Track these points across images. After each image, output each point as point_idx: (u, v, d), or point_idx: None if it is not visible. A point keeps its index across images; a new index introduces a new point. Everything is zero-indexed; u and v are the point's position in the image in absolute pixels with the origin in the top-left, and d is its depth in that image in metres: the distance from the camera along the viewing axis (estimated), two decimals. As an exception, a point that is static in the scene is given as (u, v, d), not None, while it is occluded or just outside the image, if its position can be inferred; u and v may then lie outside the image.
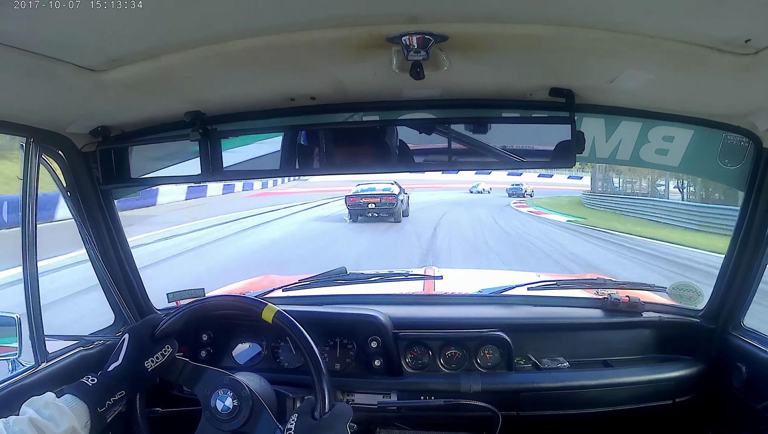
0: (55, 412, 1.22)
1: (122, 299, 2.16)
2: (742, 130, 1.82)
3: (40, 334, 1.76)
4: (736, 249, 1.95)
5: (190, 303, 1.47)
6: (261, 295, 2.29)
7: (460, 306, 2.45)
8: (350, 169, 1.93)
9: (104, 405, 1.31)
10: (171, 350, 1.42)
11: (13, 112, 1.58)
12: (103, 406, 1.30)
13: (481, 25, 1.21)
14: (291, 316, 1.41)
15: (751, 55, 1.20)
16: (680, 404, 2.07)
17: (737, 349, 1.95)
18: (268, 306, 1.41)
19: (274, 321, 1.38)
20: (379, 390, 2.01)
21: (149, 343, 1.40)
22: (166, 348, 1.41)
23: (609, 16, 1.14)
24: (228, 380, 1.40)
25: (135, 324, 1.45)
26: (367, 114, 1.95)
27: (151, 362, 1.38)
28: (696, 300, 2.14)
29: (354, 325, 2.10)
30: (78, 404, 1.28)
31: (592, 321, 2.21)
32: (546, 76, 1.63)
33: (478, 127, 1.81)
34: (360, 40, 1.26)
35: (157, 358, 1.39)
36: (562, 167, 1.83)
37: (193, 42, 1.24)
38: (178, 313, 1.44)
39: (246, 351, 2.17)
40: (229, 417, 1.36)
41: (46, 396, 1.26)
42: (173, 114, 1.82)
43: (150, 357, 1.38)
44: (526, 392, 2.02)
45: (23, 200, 1.72)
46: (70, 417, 1.23)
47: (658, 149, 1.93)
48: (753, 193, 1.85)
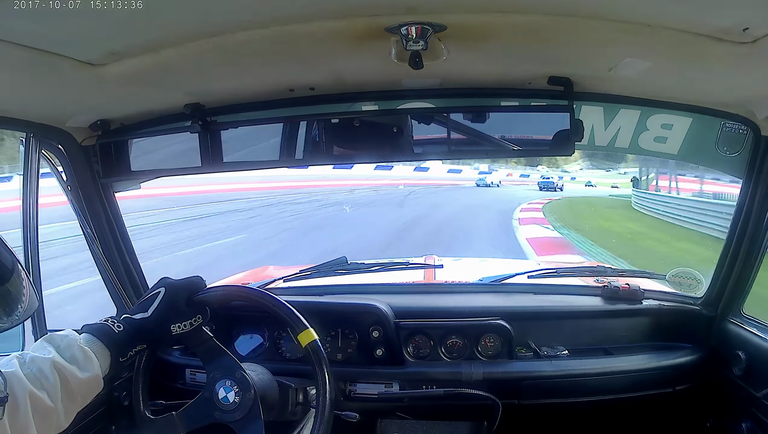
0: (79, 355, 1.17)
1: (124, 292, 2.16)
2: (741, 118, 1.81)
3: (43, 328, 1.77)
4: (735, 237, 1.95)
5: (235, 284, 1.47)
6: (263, 286, 2.29)
7: (460, 294, 2.46)
8: (349, 159, 1.94)
9: (126, 355, 1.28)
10: (200, 321, 1.40)
11: (13, 107, 1.58)
12: (125, 356, 1.28)
13: (480, 15, 1.21)
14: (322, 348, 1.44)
15: (750, 43, 1.20)
16: (680, 391, 2.08)
17: (737, 337, 1.96)
18: (308, 330, 1.43)
19: (307, 347, 1.41)
20: (380, 379, 2.02)
21: (182, 307, 1.37)
22: (196, 318, 1.38)
23: (607, 4, 1.14)
24: (240, 375, 1.40)
25: (174, 281, 1.41)
26: (366, 104, 1.95)
27: (178, 328, 1.35)
28: (695, 287, 2.14)
29: (355, 315, 2.11)
30: (103, 350, 1.24)
31: (592, 309, 2.22)
32: (544, 64, 1.63)
33: (477, 116, 1.82)
34: (358, 31, 1.26)
35: (185, 326, 1.36)
36: (561, 155, 1.83)
37: (191, 35, 1.24)
38: (222, 289, 1.45)
39: (248, 342, 2.18)
40: (225, 408, 1.38)
41: (69, 336, 1.20)
42: (173, 106, 1.82)
43: (179, 322, 1.35)
44: (526, 380, 2.03)
45: (23, 195, 1.73)
46: (95, 364, 1.19)
47: (656, 137, 1.93)
48: (752, 181, 1.85)
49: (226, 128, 1.84)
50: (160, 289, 1.38)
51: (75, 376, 1.14)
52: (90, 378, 1.17)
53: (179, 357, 2.13)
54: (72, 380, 1.14)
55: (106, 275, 2.12)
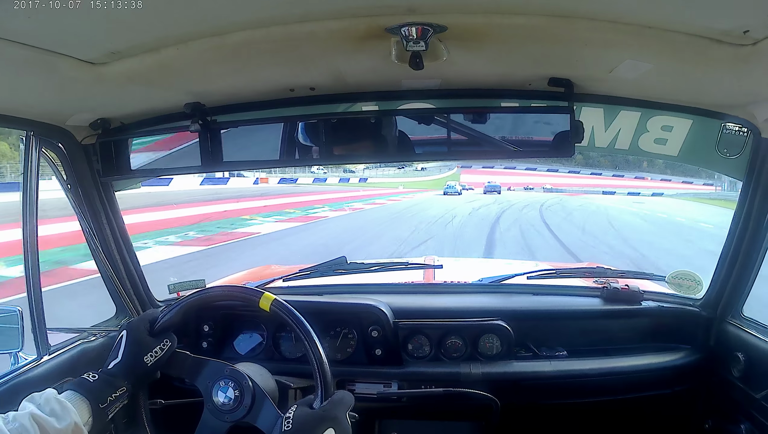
0: (56, 407, 1.21)
1: (123, 291, 2.16)
2: (741, 120, 1.81)
3: (42, 327, 1.77)
4: (735, 239, 1.95)
5: (187, 296, 1.47)
6: (262, 285, 2.29)
7: (460, 295, 2.46)
8: (349, 159, 1.95)
9: (105, 401, 1.30)
10: (170, 344, 1.41)
11: (14, 105, 1.58)
12: (105, 402, 1.30)
13: (481, 16, 1.21)
14: (289, 304, 1.41)
15: (750, 45, 1.20)
16: (679, 392, 2.08)
17: (736, 338, 1.96)
18: (265, 294, 1.40)
19: (272, 309, 1.38)
20: (379, 379, 2.02)
21: (147, 338, 1.39)
22: (164, 343, 1.40)
23: (608, 6, 1.14)
24: (229, 371, 1.39)
25: (133, 320, 1.44)
26: (366, 104, 1.95)
27: (151, 357, 1.37)
28: (695, 289, 2.15)
29: (354, 315, 2.11)
30: (79, 400, 1.27)
31: (591, 310, 2.22)
32: (545, 66, 1.63)
33: (478, 116, 1.82)
34: (359, 31, 1.26)
35: (156, 352, 1.38)
36: (561, 156, 1.83)
37: (192, 34, 1.24)
38: (176, 307, 1.43)
39: (247, 341, 2.18)
40: (231, 407, 1.36)
41: (47, 392, 1.25)
42: (173, 106, 1.82)
43: (149, 352, 1.37)
44: (525, 380, 2.03)
45: (23, 193, 1.72)
46: (72, 413, 1.22)
47: (657, 138, 1.94)
48: (752, 183, 1.86)
49: (226, 127, 1.84)
50: (122, 333, 1.40)
51: (53, 426, 1.18)
52: (68, 426, 1.20)
53: None
54: (51, 430, 1.18)
55: (105, 274, 2.12)
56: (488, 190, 49.58)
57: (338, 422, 1.23)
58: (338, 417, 1.24)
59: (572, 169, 76.99)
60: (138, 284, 2.25)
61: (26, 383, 1.67)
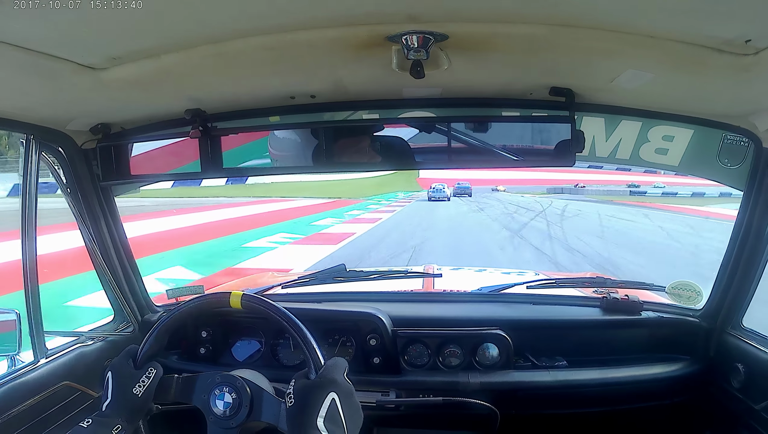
0: None
1: (122, 296, 2.16)
2: (742, 130, 1.81)
3: (39, 331, 1.77)
4: (735, 249, 1.95)
5: (158, 322, 1.45)
6: (260, 292, 2.29)
7: (459, 303, 2.46)
8: (350, 167, 1.94)
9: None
10: (155, 371, 1.39)
11: (14, 109, 1.58)
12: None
13: (482, 25, 1.21)
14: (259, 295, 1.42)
15: (752, 55, 1.20)
16: (678, 403, 2.07)
17: (736, 349, 1.95)
18: (233, 293, 1.40)
19: (244, 304, 1.38)
20: (377, 387, 2.00)
21: (132, 372, 1.37)
22: (150, 371, 1.37)
23: (609, 16, 1.14)
24: (220, 377, 1.38)
25: (114, 359, 1.42)
26: (367, 112, 1.96)
27: (139, 387, 1.35)
28: (695, 299, 2.14)
29: (353, 323, 2.10)
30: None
31: (590, 320, 2.21)
32: (546, 75, 1.63)
33: (479, 125, 1.82)
34: (360, 39, 1.26)
35: (144, 382, 1.35)
36: (562, 166, 1.83)
37: (193, 41, 1.24)
38: (151, 335, 1.42)
39: (245, 348, 2.18)
40: (232, 412, 1.35)
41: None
42: (173, 111, 1.82)
43: (136, 383, 1.35)
44: (524, 390, 2.02)
45: (23, 197, 1.73)
46: None
47: (657, 148, 1.94)
48: (752, 193, 1.85)
49: (226, 134, 1.84)
50: (107, 375, 1.39)
51: None
52: None
53: (176, 361, 2.13)
54: None
55: (104, 279, 2.12)
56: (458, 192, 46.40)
57: (338, 384, 1.23)
58: (337, 379, 1.24)
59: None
60: (137, 289, 2.25)
61: (23, 386, 1.67)
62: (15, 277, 1.75)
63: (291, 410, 1.23)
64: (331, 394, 1.21)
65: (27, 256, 1.73)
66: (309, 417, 1.18)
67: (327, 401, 1.20)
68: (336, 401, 1.21)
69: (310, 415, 1.18)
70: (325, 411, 1.18)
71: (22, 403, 1.66)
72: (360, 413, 1.26)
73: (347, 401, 1.22)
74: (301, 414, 1.20)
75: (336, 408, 1.20)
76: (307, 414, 1.19)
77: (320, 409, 1.18)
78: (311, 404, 1.20)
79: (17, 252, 1.72)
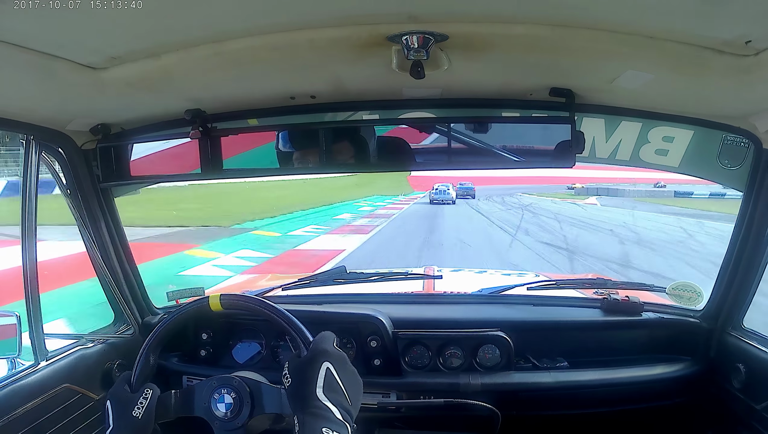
0: None
1: (122, 297, 2.16)
2: (742, 131, 1.81)
3: (39, 333, 1.76)
4: (736, 250, 1.95)
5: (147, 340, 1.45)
6: (260, 294, 2.28)
7: (459, 305, 2.46)
8: (349, 168, 1.94)
9: None
10: (152, 391, 1.38)
11: (14, 109, 1.58)
12: None
13: (482, 25, 1.21)
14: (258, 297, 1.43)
15: (752, 56, 1.20)
16: (679, 404, 2.07)
17: (736, 350, 1.95)
18: (210, 296, 1.40)
19: (224, 304, 1.39)
20: (378, 389, 2.01)
21: (130, 396, 1.36)
22: (146, 392, 1.36)
23: (610, 16, 1.14)
24: (216, 381, 1.37)
25: (111, 388, 1.41)
26: (367, 113, 1.95)
27: (138, 409, 1.34)
28: (695, 300, 2.14)
29: (353, 324, 2.10)
30: None
31: (591, 321, 2.21)
32: (546, 76, 1.63)
33: (479, 126, 1.81)
34: (360, 40, 1.26)
35: (141, 403, 1.35)
36: (562, 167, 1.82)
37: (193, 41, 1.24)
38: (142, 356, 1.42)
39: (246, 350, 2.18)
40: (235, 412, 1.34)
41: None
42: (173, 112, 1.82)
43: (133, 406, 1.34)
44: (525, 392, 2.02)
45: (23, 198, 1.72)
46: None
47: (657, 149, 1.94)
48: (753, 194, 1.85)
49: (226, 134, 1.84)
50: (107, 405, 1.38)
51: None
52: None
53: (177, 363, 2.13)
54: None
55: (104, 281, 2.12)
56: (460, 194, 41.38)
57: (330, 354, 1.25)
58: (328, 349, 1.26)
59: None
60: (137, 292, 2.25)
61: (23, 389, 1.67)
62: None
63: (290, 390, 1.24)
64: (324, 364, 1.22)
65: (27, 258, 1.73)
66: (308, 391, 1.19)
67: (322, 371, 1.21)
68: (331, 369, 1.22)
69: (309, 389, 1.19)
70: (322, 381, 1.20)
71: (22, 406, 1.65)
72: (358, 378, 1.27)
73: (342, 368, 1.24)
74: (300, 390, 1.21)
75: (333, 377, 1.21)
76: (305, 388, 1.20)
77: (317, 380, 1.20)
78: (308, 378, 1.21)
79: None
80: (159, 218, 20.81)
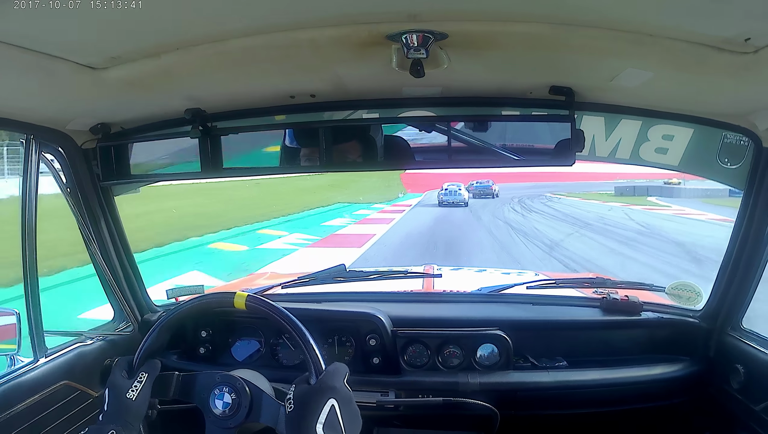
0: None
1: (122, 296, 2.16)
2: (742, 129, 1.81)
3: (39, 330, 1.77)
4: (735, 250, 1.94)
5: (158, 320, 1.45)
6: (260, 292, 2.29)
7: (458, 304, 2.46)
8: (349, 166, 1.94)
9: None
10: (147, 375, 1.37)
11: (14, 109, 1.58)
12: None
13: (482, 24, 1.21)
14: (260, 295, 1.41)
15: (751, 53, 1.20)
16: (677, 404, 2.07)
17: (735, 350, 1.95)
18: (237, 293, 1.40)
19: (248, 305, 1.38)
20: (377, 387, 2.00)
21: (125, 380, 1.35)
22: (140, 376, 1.35)
23: (609, 14, 1.14)
24: (220, 377, 1.37)
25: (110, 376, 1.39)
26: (367, 111, 1.96)
27: (132, 392, 1.33)
28: (695, 300, 2.14)
29: (353, 323, 2.10)
30: None
31: (590, 321, 2.21)
32: (546, 74, 1.63)
33: (478, 124, 1.81)
34: (360, 38, 1.26)
35: (136, 386, 1.33)
36: (562, 165, 1.82)
37: (193, 40, 1.24)
38: (150, 336, 1.41)
39: (245, 347, 2.18)
40: (231, 412, 1.34)
41: None
42: (173, 111, 1.82)
43: (128, 389, 1.33)
44: (524, 391, 2.02)
45: (23, 197, 1.73)
46: None
47: (657, 148, 1.94)
48: (752, 193, 1.85)
49: (226, 134, 1.84)
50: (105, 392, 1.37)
51: None
52: None
53: (176, 361, 2.13)
54: None
55: (104, 279, 2.12)
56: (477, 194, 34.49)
57: (338, 391, 1.24)
58: (336, 386, 1.25)
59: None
60: (137, 289, 2.25)
61: (22, 385, 1.67)
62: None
63: (290, 415, 1.24)
64: (330, 401, 1.22)
65: (27, 256, 1.73)
66: (308, 424, 1.19)
67: (326, 407, 1.21)
68: (335, 407, 1.22)
69: (309, 421, 1.19)
70: (324, 417, 1.20)
71: (22, 402, 1.66)
72: (359, 419, 1.27)
73: (346, 408, 1.24)
74: (301, 420, 1.21)
75: (335, 415, 1.21)
76: (306, 419, 1.20)
77: (319, 415, 1.20)
78: (311, 410, 1.21)
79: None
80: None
